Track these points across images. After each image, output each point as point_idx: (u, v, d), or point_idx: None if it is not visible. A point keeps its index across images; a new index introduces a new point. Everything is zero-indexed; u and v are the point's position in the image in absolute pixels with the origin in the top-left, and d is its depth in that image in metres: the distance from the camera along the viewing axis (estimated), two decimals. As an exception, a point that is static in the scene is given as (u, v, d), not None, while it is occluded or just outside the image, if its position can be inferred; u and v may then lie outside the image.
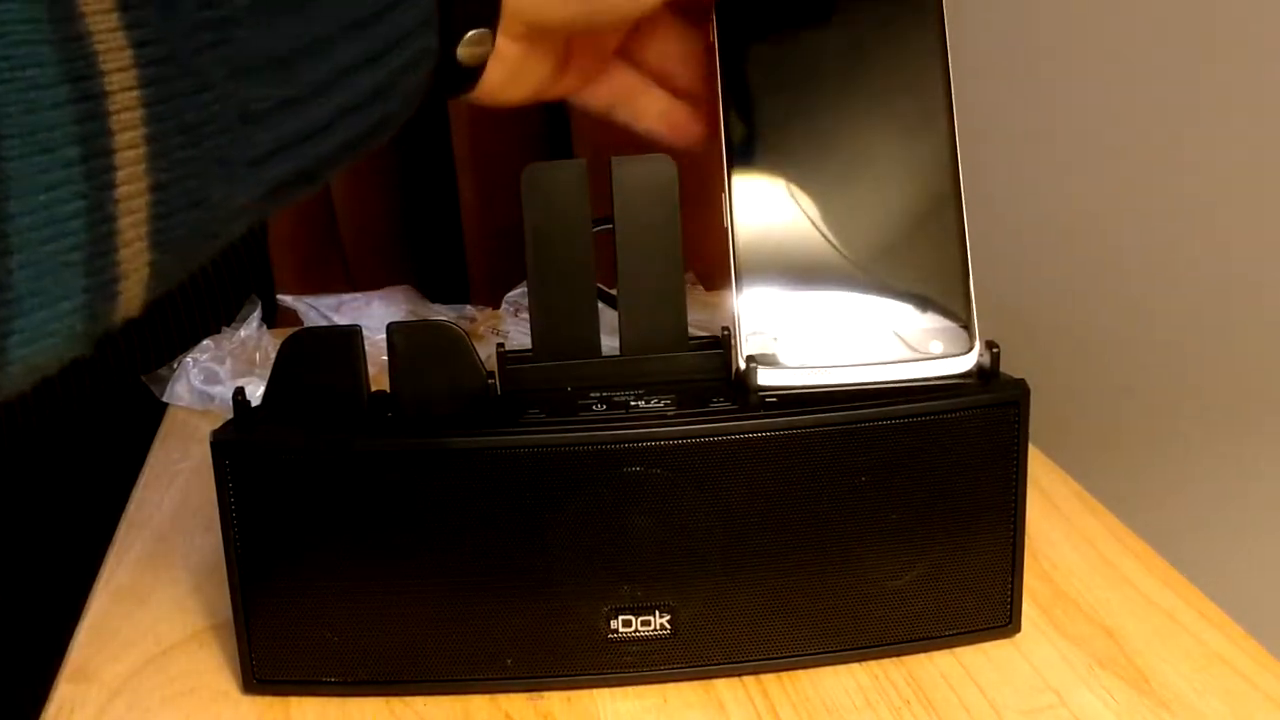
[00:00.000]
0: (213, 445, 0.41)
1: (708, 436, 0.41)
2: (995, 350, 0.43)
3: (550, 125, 0.95)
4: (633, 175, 0.47)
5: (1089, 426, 0.69)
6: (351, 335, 0.43)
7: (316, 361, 0.43)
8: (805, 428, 0.41)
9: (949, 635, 0.44)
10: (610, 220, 0.47)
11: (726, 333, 0.49)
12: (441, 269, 1.07)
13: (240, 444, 0.41)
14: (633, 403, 0.43)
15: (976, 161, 0.79)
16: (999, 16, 0.74)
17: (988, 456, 0.43)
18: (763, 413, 0.41)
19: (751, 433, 0.41)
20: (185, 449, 0.67)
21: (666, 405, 0.42)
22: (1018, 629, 0.45)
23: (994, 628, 0.45)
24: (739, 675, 0.43)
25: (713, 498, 0.41)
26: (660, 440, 0.41)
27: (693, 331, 0.49)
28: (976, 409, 0.42)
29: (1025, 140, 0.73)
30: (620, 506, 0.41)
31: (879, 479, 0.42)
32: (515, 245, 0.47)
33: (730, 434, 0.41)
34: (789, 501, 0.42)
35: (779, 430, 0.41)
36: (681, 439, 0.41)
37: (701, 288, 0.84)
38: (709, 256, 0.90)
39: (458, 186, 0.98)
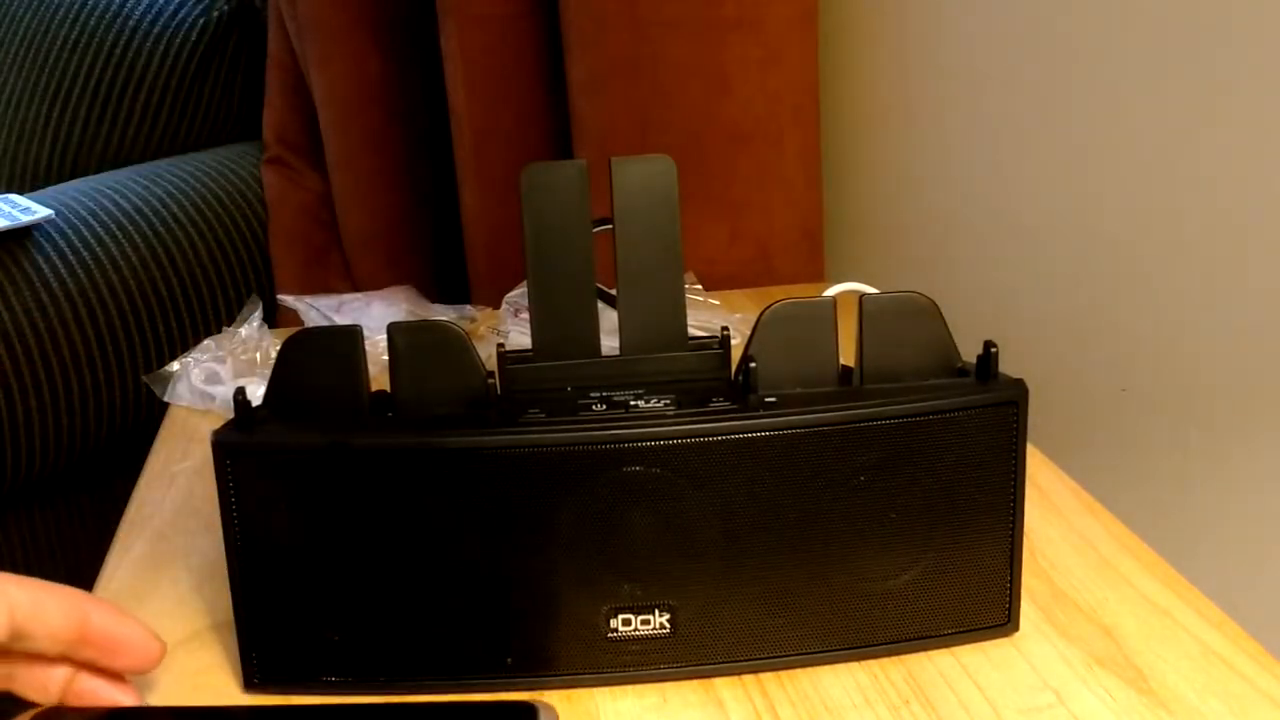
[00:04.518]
0: (214, 445, 0.41)
1: (708, 436, 0.41)
2: (994, 350, 0.43)
3: (551, 126, 0.95)
4: (633, 175, 0.47)
5: (1089, 426, 0.69)
6: (352, 335, 0.43)
7: (317, 361, 0.43)
8: (805, 427, 0.41)
9: (948, 634, 0.45)
10: (610, 220, 0.47)
11: (726, 332, 0.49)
12: (441, 269, 1.07)
13: (241, 444, 0.41)
14: (633, 403, 0.43)
15: (978, 161, 0.79)
16: (1001, 13, 0.74)
17: (986, 456, 0.43)
18: (762, 413, 0.41)
19: (751, 432, 0.41)
20: (186, 449, 0.67)
21: (666, 405, 0.42)
22: (1016, 628, 0.45)
23: (993, 627, 0.45)
24: (738, 674, 0.43)
25: (712, 497, 0.41)
26: (660, 440, 0.41)
27: (692, 331, 0.49)
28: (975, 409, 0.42)
29: (1026, 140, 0.73)
30: (620, 506, 0.41)
31: (878, 478, 0.42)
32: (515, 245, 0.47)
33: (730, 434, 0.41)
34: (788, 500, 0.42)
35: (778, 430, 0.41)
36: (681, 439, 0.41)
37: (701, 287, 0.84)
38: (709, 256, 0.90)
39: (458, 187, 0.98)
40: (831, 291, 0.56)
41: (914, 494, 0.42)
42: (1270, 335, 0.56)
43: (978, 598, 0.45)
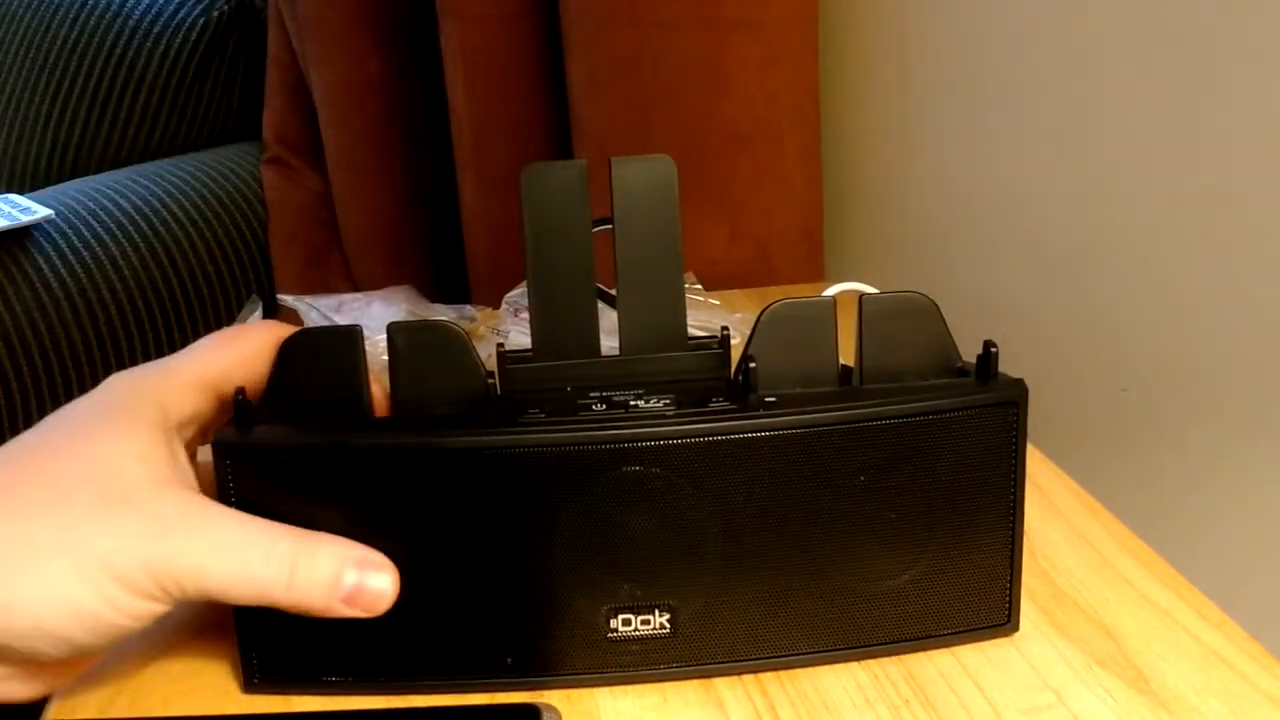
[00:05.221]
0: (213, 445, 0.41)
1: (707, 436, 0.41)
2: (994, 350, 0.43)
3: (551, 126, 0.95)
4: (633, 175, 0.47)
5: (1089, 426, 0.69)
6: (352, 335, 0.43)
7: (317, 361, 0.43)
8: (805, 427, 0.41)
9: (947, 634, 0.45)
10: (610, 220, 0.47)
11: (726, 332, 0.49)
12: (441, 269, 1.07)
13: (240, 443, 0.41)
14: (633, 403, 0.43)
15: (978, 161, 0.79)
16: (1002, 13, 0.74)
17: (986, 456, 0.43)
18: (762, 413, 0.41)
19: (751, 432, 0.41)
20: (186, 449, 0.67)
21: (666, 405, 0.42)
22: (1016, 628, 0.45)
23: (992, 626, 0.45)
24: (738, 674, 0.43)
25: (712, 497, 0.41)
26: (660, 440, 0.41)
27: (692, 331, 0.49)
28: (974, 409, 0.42)
29: (1026, 140, 0.73)
30: (620, 506, 0.41)
31: (878, 478, 0.42)
32: (515, 245, 0.47)
33: (729, 434, 0.41)
34: (788, 500, 0.42)
35: (778, 430, 0.41)
36: (681, 439, 0.41)
37: (701, 287, 0.84)
38: (709, 256, 0.90)
39: (458, 187, 0.98)
40: (831, 291, 0.56)
41: (914, 494, 0.42)
42: (1271, 335, 0.57)
43: (978, 598, 0.45)
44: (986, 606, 0.45)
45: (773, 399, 0.42)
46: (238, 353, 0.43)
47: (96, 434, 0.39)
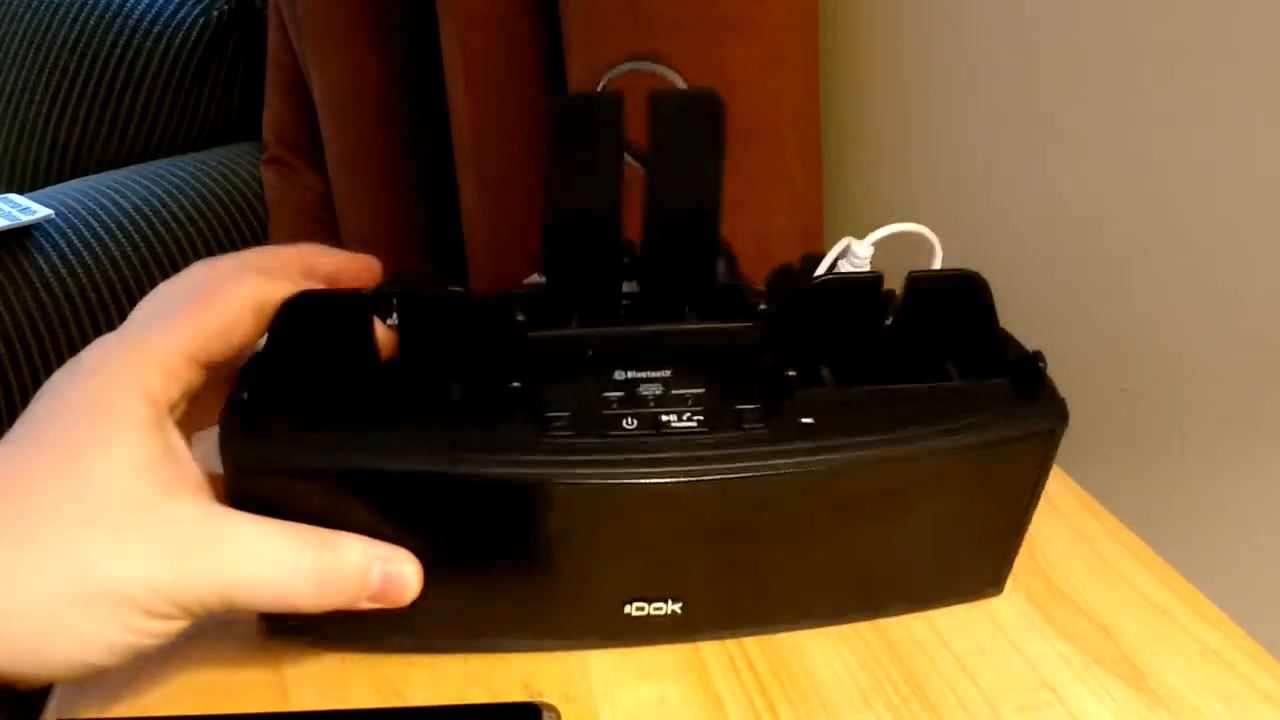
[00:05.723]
0: (223, 456, 0.39)
1: (738, 474, 0.40)
2: (1041, 364, 0.43)
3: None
4: (673, 109, 0.43)
5: (1088, 426, 0.69)
6: (360, 299, 0.40)
7: (320, 327, 0.40)
8: (844, 464, 0.40)
9: (934, 600, 0.47)
10: (645, 59, 0.44)
11: (762, 309, 0.46)
12: (442, 269, 1.07)
13: (251, 458, 0.39)
14: (663, 417, 0.41)
15: (978, 161, 0.79)
16: (1004, 12, 0.74)
17: (1016, 470, 0.43)
18: (798, 444, 0.40)
19: (787, 470, 0.40)
20: (186, 448, 0.67)
21: (700, 425, 0.40)
22: (1000, 591, 0.47)
23: (979, 589, 0.47)
24: (738, 639, 0.45)
25: (735, 512, 0.41)
26: (690, 479, 0.40)
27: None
28: (1017, 437, 0.42)
29: (1026, 140, 0.74)
30: (640, 525, 0.41)
31: (906, 494, 0.42)
32: (516, 244, 0.46)
33: (761, 472, 0.40)
34: (809, 513, 0.42)
35: (810, 468, 0.40)
36: (711, 476, 0.40)
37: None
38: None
39: (458, 187, 0.98)
40: (883, 233, 0.52)
41: (937, 499, 0.43)
42: (1272, 335, 0.57)
43: (975, 571, 0.46)
44: (981, 577, 0.47)
45: (809, 420, 0.41)
46: (217, 319, 0.40)
47: (90, 448, 0.37)
